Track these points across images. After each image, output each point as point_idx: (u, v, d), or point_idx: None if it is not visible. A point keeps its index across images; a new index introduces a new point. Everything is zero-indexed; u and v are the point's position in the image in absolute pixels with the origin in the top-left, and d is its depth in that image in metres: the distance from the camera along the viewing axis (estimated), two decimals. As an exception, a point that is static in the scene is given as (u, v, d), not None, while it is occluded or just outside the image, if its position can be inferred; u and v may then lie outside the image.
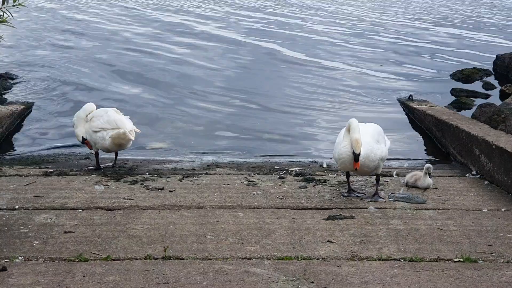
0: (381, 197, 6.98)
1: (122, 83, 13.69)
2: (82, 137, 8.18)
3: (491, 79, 15.00)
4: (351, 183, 7.19)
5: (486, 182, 7.72)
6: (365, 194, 7.07)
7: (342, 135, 6.83)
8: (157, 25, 21.04)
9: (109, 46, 17.11)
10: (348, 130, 6.71)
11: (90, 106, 8.29)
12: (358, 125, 6.65)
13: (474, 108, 11.29)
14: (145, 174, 7.95)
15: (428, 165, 7.48)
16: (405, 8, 27.58)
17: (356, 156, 6.58)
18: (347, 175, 7.14)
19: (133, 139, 8.10)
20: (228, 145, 10.21)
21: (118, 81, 13.83)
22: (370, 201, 6.86)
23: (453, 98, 13.22)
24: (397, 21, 23.55)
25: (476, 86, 14.40)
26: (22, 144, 10.00)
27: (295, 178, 7.87)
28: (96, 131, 7.99)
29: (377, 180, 7.10)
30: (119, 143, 8.01)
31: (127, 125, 8.04)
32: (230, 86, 13.83)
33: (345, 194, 7.06)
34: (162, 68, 15.15)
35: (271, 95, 13.33)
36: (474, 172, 8.17)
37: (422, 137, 10.71)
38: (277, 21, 22.49)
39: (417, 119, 11.36)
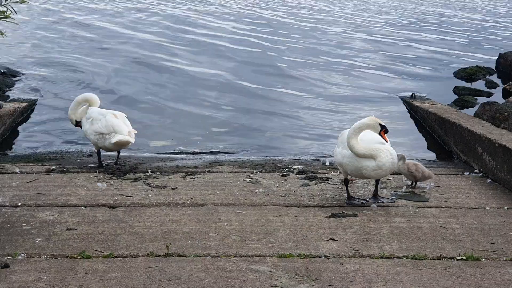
0: (387, 198, 6.84)
1: (125, 81, 13.69)
2: (76, 120, 8.53)
3: (494, 78, 14.98)
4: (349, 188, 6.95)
5: (488, 180, 7.72)
6: (367, 200, 6.80)
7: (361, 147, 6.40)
8: (157, 23, 21.03)
9: (112, 44, 17.10)
10: (356, 134, 6.41)
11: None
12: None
13: (477, 107, 11.28)
14: (148, 172, 7.96)
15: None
16: (407, 7, 27.56)
17: (385, 128, 6.38)
18: (346, 182, 6.83)
19: (133, 141, 8.11)
20: (231, 143, 10.21)
21: (121, 79, 13.83)
22: (378, 203, 6.71)
23: (456, 96, 13.21)
24: (399, 20, 23.53)
25: (479, 84, 14.38)
26: (24, 142, 10.02)
27: (297, 176, 7.87)
28: (95, 135, 8.04)
29: (377, 181, 6.85)
30: (121, 144, 8.07)
31: (124, 130, 8.02)
32: (233, 84, 13.82)
33: (349, 202, 6.73)
34: (165, 66, 15.14)
35: (273, 93, 13.32)
36: (476, 170, 8.16)
37: (425, 135, 10.71)
38: (278, 21, 22.47)
39: (420, 117, 11.35)
